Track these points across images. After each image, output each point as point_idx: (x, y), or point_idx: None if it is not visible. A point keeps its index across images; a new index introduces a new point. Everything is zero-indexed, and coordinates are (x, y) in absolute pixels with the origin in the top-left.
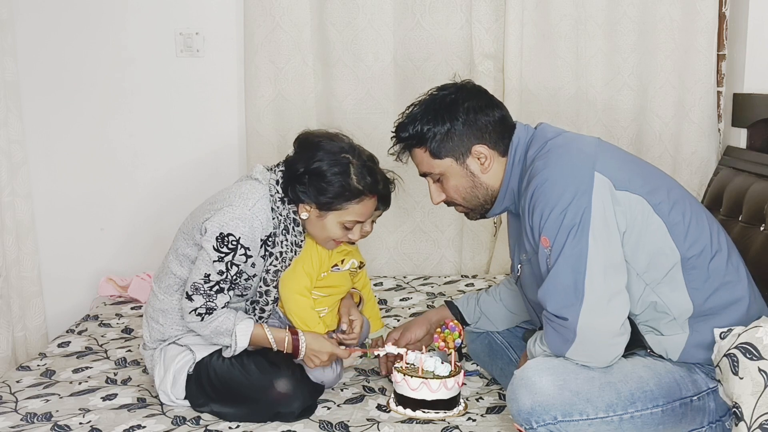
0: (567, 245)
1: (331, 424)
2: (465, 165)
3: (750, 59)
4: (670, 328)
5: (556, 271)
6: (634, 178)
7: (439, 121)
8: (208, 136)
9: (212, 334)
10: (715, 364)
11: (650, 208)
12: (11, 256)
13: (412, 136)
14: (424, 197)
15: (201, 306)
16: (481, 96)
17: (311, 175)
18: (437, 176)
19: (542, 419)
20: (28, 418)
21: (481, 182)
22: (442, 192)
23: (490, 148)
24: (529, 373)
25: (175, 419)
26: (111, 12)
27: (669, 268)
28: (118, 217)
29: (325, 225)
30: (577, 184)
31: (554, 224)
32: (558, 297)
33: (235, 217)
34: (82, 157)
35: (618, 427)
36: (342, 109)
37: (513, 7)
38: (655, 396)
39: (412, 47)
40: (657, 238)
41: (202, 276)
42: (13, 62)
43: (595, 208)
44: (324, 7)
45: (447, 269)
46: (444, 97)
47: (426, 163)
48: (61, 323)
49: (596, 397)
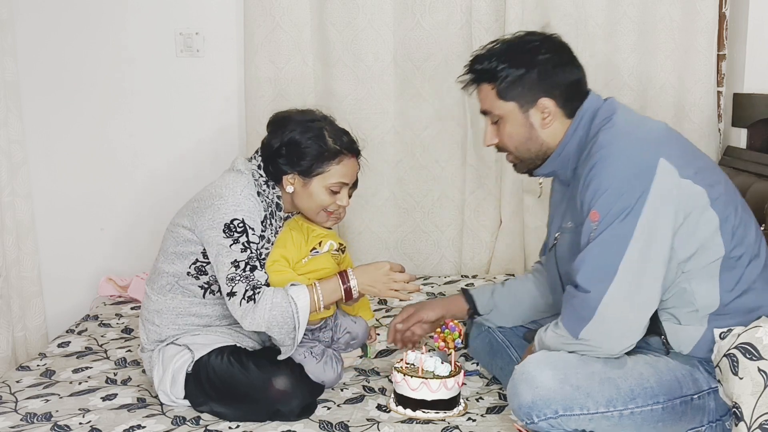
0: (614, 225)
1: (331, 424)
2: (527, 114)
3: (750, 59)
4: (690, 319)
5: (595, 246)
6: (697, 168)
7: (515, 64)
8: (208, 136)
9: (275, 319)
10: (715, 364)
11: (708, 202)
12: (11, 256)
13: (485, 71)
14: (424, 197)
15: (246, 290)
16: (564, 53)
17: (288, 146)
18: (496, 118)
19: (543, 413)
20: (28, 418)
21: (538, 136)
22: (496, 135)
23: (556, 105)
24: (530, 367)
25: (175, 419)
26: (111, 12)
27: (710, 262)
28: (118, 217)
29: (312, 192)
30: (640, 168)
31: (608, 202)
32: (590, 270)
33: (230, 205)
34: (82, 157)
35: (618, 423)
36: (342, 109)
37: (513, 7)
38: (656, 393)
39: (412, 47)
40: (708, 231)
41: (229, 266)
42: (13, 62)
43: (652, 196)
44: (324, 7)
45: (447, 269)
46: (528, 42)
47: (490, 101)
48: (61, 323)
49: (597, 391)
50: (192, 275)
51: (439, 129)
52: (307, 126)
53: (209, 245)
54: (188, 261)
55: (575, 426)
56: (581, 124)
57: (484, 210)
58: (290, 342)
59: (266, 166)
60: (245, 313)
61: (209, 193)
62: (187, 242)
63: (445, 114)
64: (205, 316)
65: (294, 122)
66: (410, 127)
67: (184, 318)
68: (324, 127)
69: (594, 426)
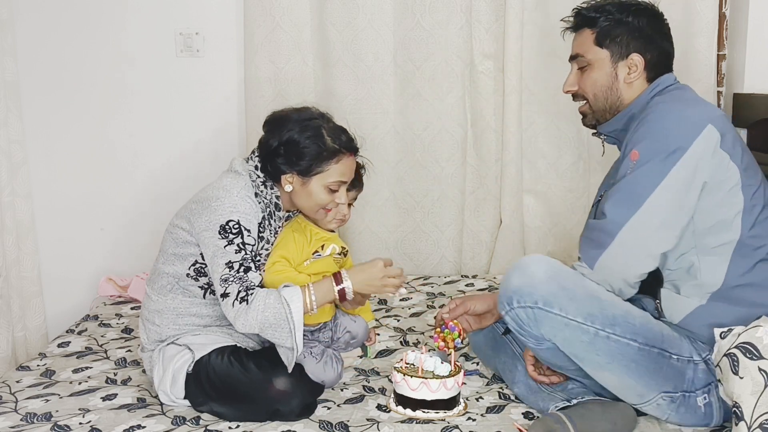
0: (650, 164)
1: (331, 424)
2: (616, 66)
3: (750, 59)
4: (690, 291)
5: (628, 179)
6: (740, 151)
7: (619, 18)
8: (208, 136)
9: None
10: (715, 364)
11: (739, 183)
12: (11, 256)
13: (590, 17)
14: (424, 197)
15: (239, 291)
16: (664, 26)
17: (286, 145)
18: (585, 63)
19: (523, 300)
20: (28, 418)
21: (618, 89)
22: (577, 83)
23: (644, 66)
24: (528, 259)
25: (175, 419)
26: (111, 12)
27: (724, 242)
28: (118, 217)
29: (311, 191)
30: (686, 126)
31: (650, 144)
32: (618, 199)
33: (226, 207)
34: (82, 157)
35: (592, 341)
36: (342, 109)
37: (513, 7)
38: (636, 331)
39: (412, 47)
40: (730, 211)
41: (223, 267)
42: (13, 62)
43: (692, 150)
44: (324, 7)
45: (447, 269)
46: (635, 3)
47: (585, 45)
48: (61, 323)
49: (580, 300)
50: (191, 276)
51: (439, 129)
52: (305, 125)
53: (205, 246)
54: (187, 263)
55: (549, 329)
56: (654, 91)
57: (484, 210)
58: (290, 344)
59: (264, 166)
60: (238, 314)
61: (206, 195)
62: (186, 244)
63: (445, 114)
64: (206, 316)
65: (292, 121)
66: (410, 127)
67: (184, 318)
68: (322, 125)
69: (567, 335)
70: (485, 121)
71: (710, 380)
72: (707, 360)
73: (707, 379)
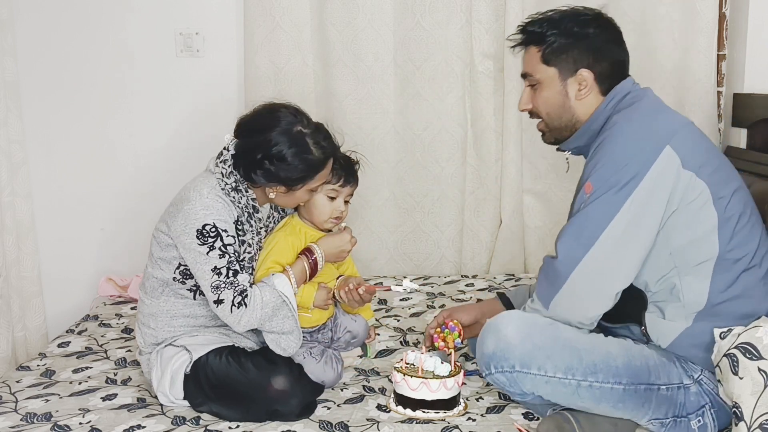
0: (603, 197)
1: (331, 424)
2: (565, 83)
3: (750, 59)
4: (674, 315)
5: (581, 215)
6: (706, 166)
7: (564, 32)
8: (208, 137)
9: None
10: (715, 364)
11: (710, 198)
12: (11, 256)
13: (535, 33)
14: (424, 197)
15: (234, 296)
16: (614, 32)
17: (271, 160)
18: (535, 81)
19: (501, 365)
20: (28, 418)
21: (570, 106)
22: (531, 100)
23: (594, 80)
24: (498, 320)
25: (175, 419)
26: (111, 12)
27: (703, 260)
28: (118, 217)
29: (295, 196)
30: (643, 150)
31: (603, 175)
32: (570, 238)
33: (199, 210)
34: (82, 157)
35: (575, 392)
36: (342, 109)
37: (513, 7)
38: (620, 373)
39: (412, 47)
40: (704, 228)
41: (210, 274)
42: (13, 62)
43: (647, 178)
44: (324, 7)
45: (447, 269)
46: (581, 14)
47: (533, 64)
48: (61, 323)
49: (557, 355)
50: (178, 280)
51: (439, 129)
52: (290, 138)
53: (185, 251)
54: (172, 266)
55: (531, 387)
56: (611, 103)
57: (484, 210)
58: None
59: (239, 170)
60: (238, 318)
61: (180, 197)
62: (169, 247)
63: (445, 114)
64: (200, 316)
65: (276, 132)
66: (410, 127)
67: (178, 320)
68: (305, 133)
69: (550, 390)
70: (485, 121)
71: (703, 402)
72: (700, 381)
73: (700, 402)
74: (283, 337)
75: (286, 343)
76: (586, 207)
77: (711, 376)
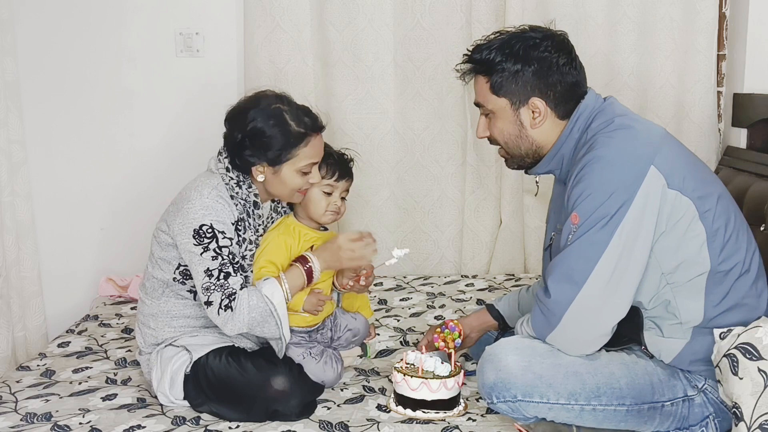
0: (592, 231)
1: (331, 424)
2: (518, 113)
3: (750, 59)
4: (672, 331)
5: (570, 251)
6: (689, 179)
7: (511, 59)
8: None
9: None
10: (715, 365)
11: (696, 214)
12: (11, 256)
13: (482, 62)
14: (424, 197)
15: (222, 299)
16: (563, 53)
17: (251, 137)
18: (488, 111)
19: (503, 396)
20: (28, 418)
21: (528, 135)
22: (488, 129)
23: (547, 106)
24: (498, 349)
25: (175, 419)
26: (111, 12)
27: (695, 275)
28: (118, 217)
29: (284, 179)
30: (628, 175)
31: (590, 206)
32: (561, 276)
33: (198, 210)
34: (82, 157)
35: (578, 416)
36: (342, 109)
37: (513, 7)
38: (623, 395)
39: (412, 47)
40: (694, 245)
41: (203, 275)
42: (13, 62)
43: (635, 206)
44: (324, 7)
45: (447, 269)
46: (529, 38)
47: (483, 94)
48: (61, 323)
49: (559, 383)
50: (178, 281)
51: (439, 129)
52: (267, 113)
53: (183, 251)
54: (172, 266)
55: (534, 413)
56: (576, 125)
57: (484, 210)
58: (278, 335)
59: (233, 161)
60: (225, 321)
61: (181, 197)
62: (169, 246)
63: (445, 114)
64: (200, 317)
65: (253, 111)
66: (410, 127)
67: (179, 320)
68: (283, 110)
69: (553, 415)
70: None
71: (707, 413)
72: (704, 390)
73: (703, 413)
74: (272, 341)
75: (276, 347)
76: (574, 243)
77: (714, 384)
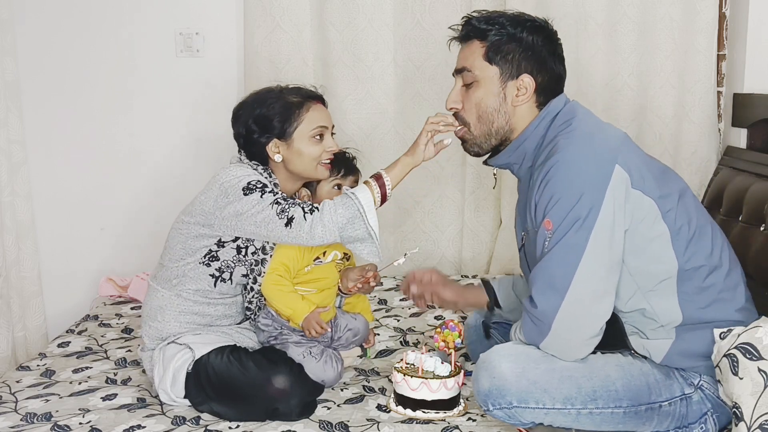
0: (568, 235)
1: (331, 424)
2: (504, 85)
3: (750, 59)
4: (656, 333)
5: (549, 258)
6: (650, 180)
7: (512, 34)
8: (208, 136)
9: (344, 216)
10: (715, 364)
11: (659, 214)
12: (11, 256)
13: (482, 29)
14: (424, 197)
15: (303, 208)
16: (558, 48)
17: (256, 122)
18: (472, 79)
19: (498, 403)
20: (28, 418)
21: (506, 111)
22: (461, 101)
23: (535, 88)
24: (492, 356)
25: (175, 419)
26: (111, 12)
27: (664, 277)
28: (118, 217)
29: (299, 149)
30: (595, 176)
31: (562, 211)
32: (543, 285)
33: (237, 175)
34: (82, 157)
35: (575, 420)
36: (342, 109)
37: (513, 7)
38: (620, 397)
39: (412, 47)
40: (658, 245)
41: (270, 207)
42: (13, 62)
43: (605, 205)
44: (324, 7)
45: (447, 269)
46: (529, 21)
47: (473, 59)
48: (61, 323)
49: (554, 388)
50: (204, 263)
51: None
52: (264, 96)
53: (239, 219)
54: (199, 254)
55: (531, 418)
56: (543, 121)
57: (484, 210)
58: (368, 234)
59: (249, 155)
60: (314, 223)
61: (208, 185)
62: (199, 237)
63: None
64: (207, 315)
65: (250, 102)
66: (410, 127)
67: (186, 316)
68: (277, 89)
69: (550, 420)
70: None
71: (705, 410)
72: (701, 386)
73: (702, 410)
74: (357, 245)
75: (366, 251)
76: (551, 249)
77: (711, 380)
